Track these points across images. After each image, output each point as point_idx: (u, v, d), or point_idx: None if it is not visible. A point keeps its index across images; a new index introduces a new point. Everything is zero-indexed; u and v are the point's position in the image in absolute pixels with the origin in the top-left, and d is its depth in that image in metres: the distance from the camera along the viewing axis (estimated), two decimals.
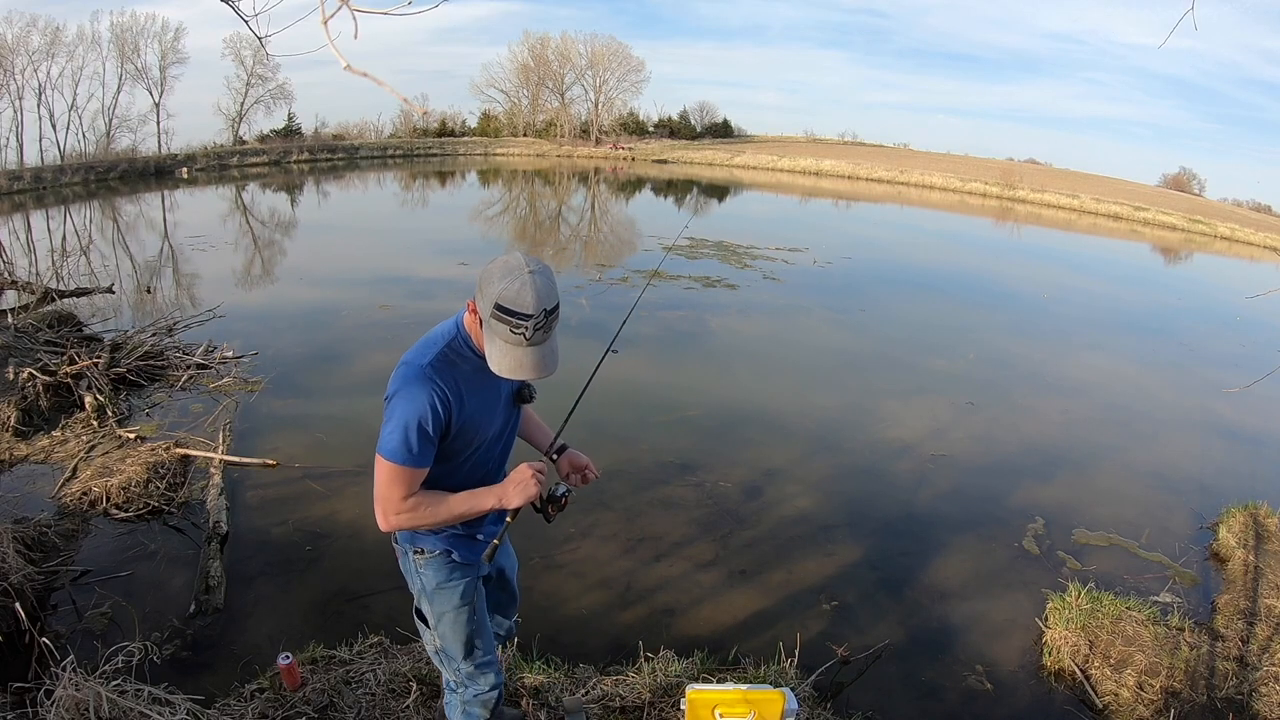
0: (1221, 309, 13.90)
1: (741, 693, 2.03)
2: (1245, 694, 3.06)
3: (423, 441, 1.51)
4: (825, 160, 40.36)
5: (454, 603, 1.78)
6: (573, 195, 26.20)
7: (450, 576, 1.76)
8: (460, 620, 1.80)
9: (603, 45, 44.53)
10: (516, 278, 1.41)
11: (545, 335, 1.47)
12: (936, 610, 3.69)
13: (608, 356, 2.03)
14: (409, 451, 1.50)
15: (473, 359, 1.58)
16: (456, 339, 1.57)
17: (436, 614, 1.79)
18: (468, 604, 1.80)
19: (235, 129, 34.75)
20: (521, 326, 1.42)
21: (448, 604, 1.78)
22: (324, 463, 4.62)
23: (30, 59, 26.34)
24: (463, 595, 1.78)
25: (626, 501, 4.44)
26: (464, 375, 1.56)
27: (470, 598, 1.80)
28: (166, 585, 3.45)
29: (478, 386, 1.59)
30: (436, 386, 1.50)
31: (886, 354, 8.28)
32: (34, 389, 5.12)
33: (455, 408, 1.53)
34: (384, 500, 1.55)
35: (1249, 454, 6.26)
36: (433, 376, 1.50)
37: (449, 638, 1.82)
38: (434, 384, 1.50)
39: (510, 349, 1.46)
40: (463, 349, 1.57)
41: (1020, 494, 5.00)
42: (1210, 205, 40.03)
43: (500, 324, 1.43)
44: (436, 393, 1.50)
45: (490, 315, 1.44)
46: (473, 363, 1.57)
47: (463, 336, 1.58)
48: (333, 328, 7.74)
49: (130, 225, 15.65)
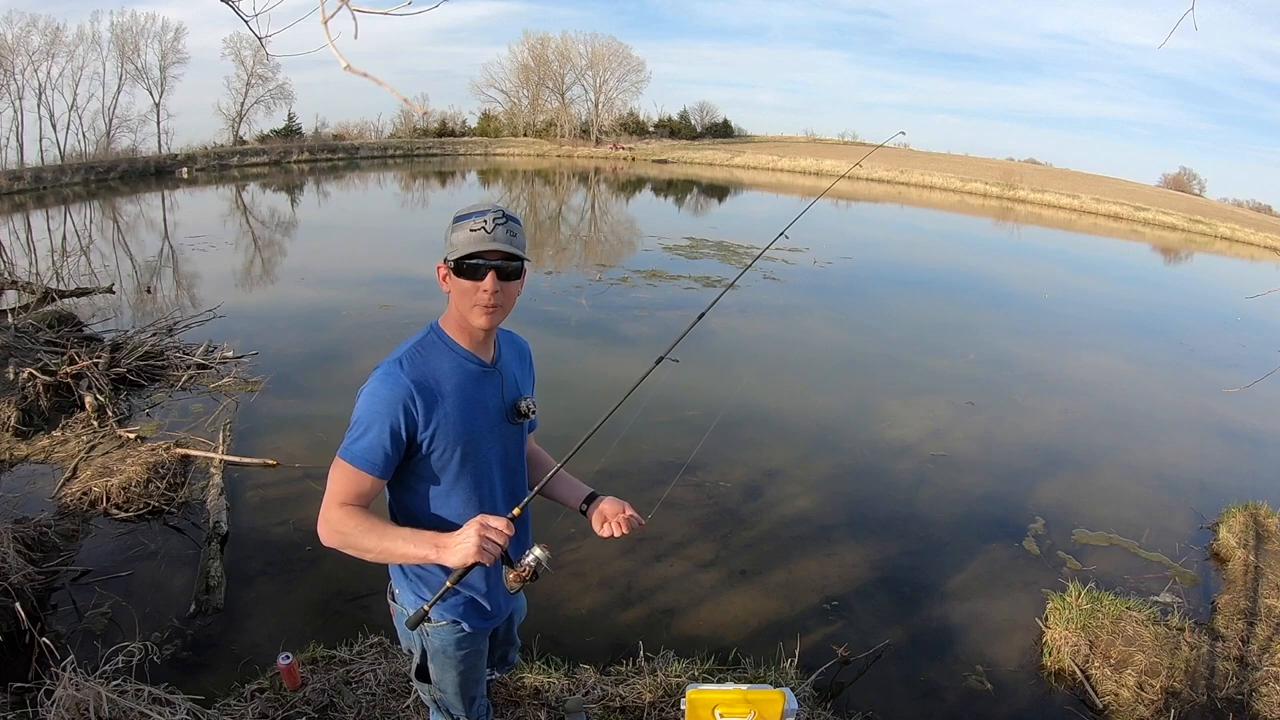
0: (1221, 309, 13.90)
1: (741, 693, 2.02)
2: (1245, 694, 3.06)
3: (377, 442, 1.38)
4: (825, 160, 40.36)
5: (462, 669, 1.68)
6: (573, 195, 26.20)
7: (460, 646, 1.64)
8: (468, 681, 1.71)
9: (603, 45, 44.68)
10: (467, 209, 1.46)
11: (508, 236, 1.41)
12: (936, 610, 3.68)
13: (658, 365, 1.77)
14: (356, 451, 1.39)
15: (448, 353, 1.48)
16: (429, 336, 1.50)
17: (441, 677, 1.68)
18: (475, 666, 1.71)
19: (235, 129, 34.81)
20: (481, 221, 1.40)
21: (455, 669, 1.67)
22: (324, 463, 4.58)
23: (30, 59, 26.46)
24: (471, 660, 1.69)
25: (627, 501, 4.43)
26: (438, 369, 1.45)
27: (477, 660, 1.72)
28: (166, 585, 3.45)
29: (457, 384, 1.46)
30: (402, 381, 1.39)
31: (887, 354, 8.28)
32: (34, 389, 5.12)
33: (426, 402, 1.41)
34: (324, 502, 1.41)
35: (1249, 454, 6.26)
36: (400, 372, 1.40)
37: (451, 696, 1.73)
38: (400, 378, 1.39)
39: (478, 239, 1.40)
40: (436, 344, 1.49)
41: (1020, 494, 5.00)
42: (1210, 205, 40.04)
43: (460, 229, 1.41)
44: (401, 388, 1.39)
45: (451, 228, 1.43)
46: (449, 359, 1.47)
47: (436, 334, 1.50)
48: (333, 327, 7.74)
49: (130, 225, 15.66)
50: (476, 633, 1.66)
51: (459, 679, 1.68)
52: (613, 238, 16.58)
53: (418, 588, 1.58)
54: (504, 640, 1.91)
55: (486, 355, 1.53)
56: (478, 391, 1.50)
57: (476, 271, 1.41)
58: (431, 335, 1.50)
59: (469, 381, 1.49)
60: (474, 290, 1.42)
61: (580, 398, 5.83)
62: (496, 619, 1.69)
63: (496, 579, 1.58)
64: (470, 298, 1.43)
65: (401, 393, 1.39)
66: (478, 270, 1.41)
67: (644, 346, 7.56)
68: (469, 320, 1.46)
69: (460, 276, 1.42)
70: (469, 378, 1.49)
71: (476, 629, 1.65)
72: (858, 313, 10.35)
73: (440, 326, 1.51)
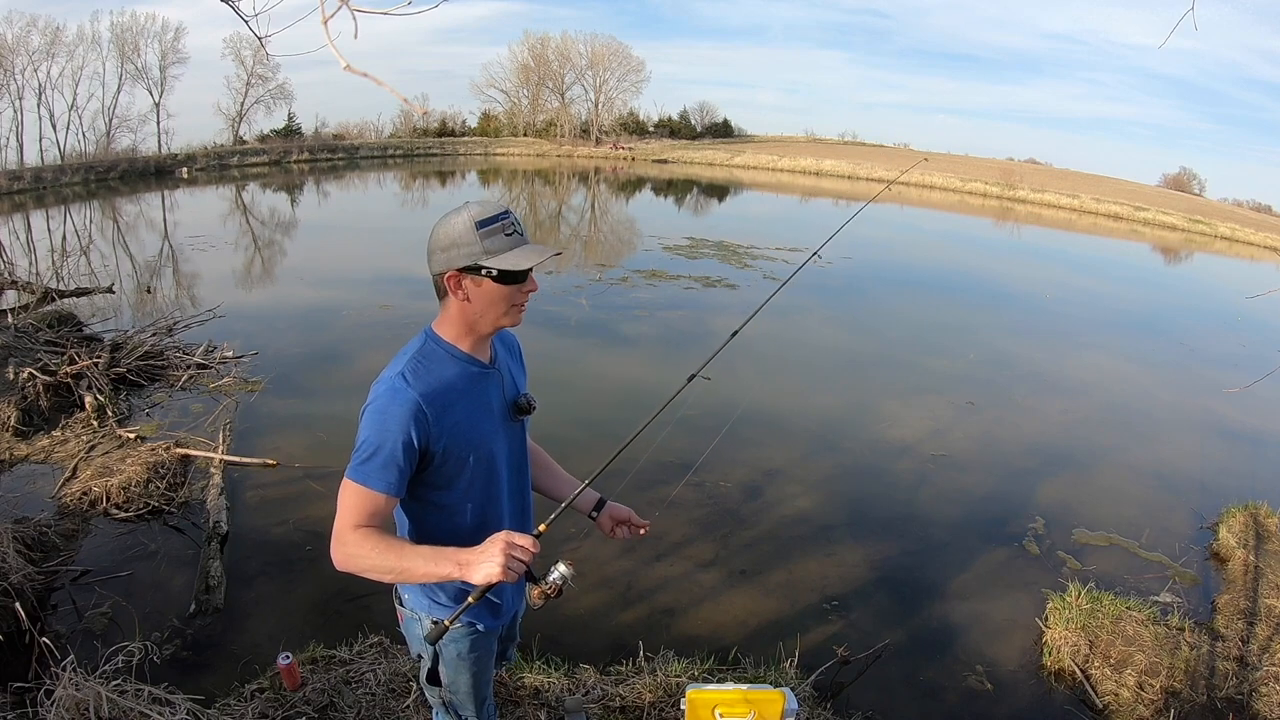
0: (1221, 309, 13.90)
1: (741, 693, 2.02)
2: (1245, 694, 3.06)
3: (390, 461, 1.34)
4: (825, 160, 40.32)
5: (475, 669, 1.67)
6: (573, 195, 26.19)
7: (474, 648, 1.63)
8: (480, 682, 1.70)
9: (603, 45, 44.59)
10: (464, 209, 1.39)
11: (524, 234, 1.42)
12: (936, 610, 3.68)
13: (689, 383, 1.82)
14: (368, 471, 1.34)
15: (450, 360, 1.44)
16: (427, 344, 1.45)
17: (454, 679, 1.66)
18: (487, 667, 1.71)
19: (235, 129, 34.77)
20: (509, 224, 1.39)
21: (469, 671, 1.66)
22: (324, 462, 4.62)
23: (30, 59, 26.40)
24: (484, 661, 1.68)
25: (626, 501, 4.41)
26: (443, 377, 1.42)
27: (489, 661, 1.71)
28: (166, 585, 3.45)
29: (463, 390, 1.44)
30: (409, 395, 1.35)
31: (887, 354, 8.28)
32: (34, 389, 5.12)
33: (434, 414, 1.37)
34: (336, 525, 1.36)
35: (1249, 454, 6.26)
36: (406, 386, 1.36)
37: (464, 698, 1.71)
38: (408, 393, 1.35)
39: (515, 243, 1.39)
40: (436, 351, 1.44)
41: (1020, 494, 5.00)
42: (1210, 205, 40.01)
43: (493, 235, 1.37)
44: (410, 402, 1.34)
45: (479, 236, 1.36)
46: (452, 365, 1.44)
47: (434, 341, 1.46)
48: (333, 327, 7.75)
49: (130, 225, 15.65)
50: (489, 633, 1.65)
51: (472, 680, 1.67)
52: (613, 237, 16.58)
53: (431, 591, 1.56)
54: (507, 636, 1.91)
55: (484, 356, 1.51)
56: (482, 394, 1.49)
57: (520, 275, 1.40)
58: (429, 343, 1.45)
59: (473, 385, 1.47)
60: (515, 293, 1.42)
61: (580, 397, 5.84)
62: (507, 616, 1.69)
63: (502, 584, 1.55)
64: (508, 300, 1.42)
65: (411, 407, 1.34)
66: (522, 274, 1.40)
67: (644, 346, 7.56)
68: (498, 323, 1.45)
69: (501, 282, 1.39)
70: (472, 381, 1.47)
71: (490, 629, 1.64)
72: (858, 313, 10.34)
73: (436, 332, 1.46)
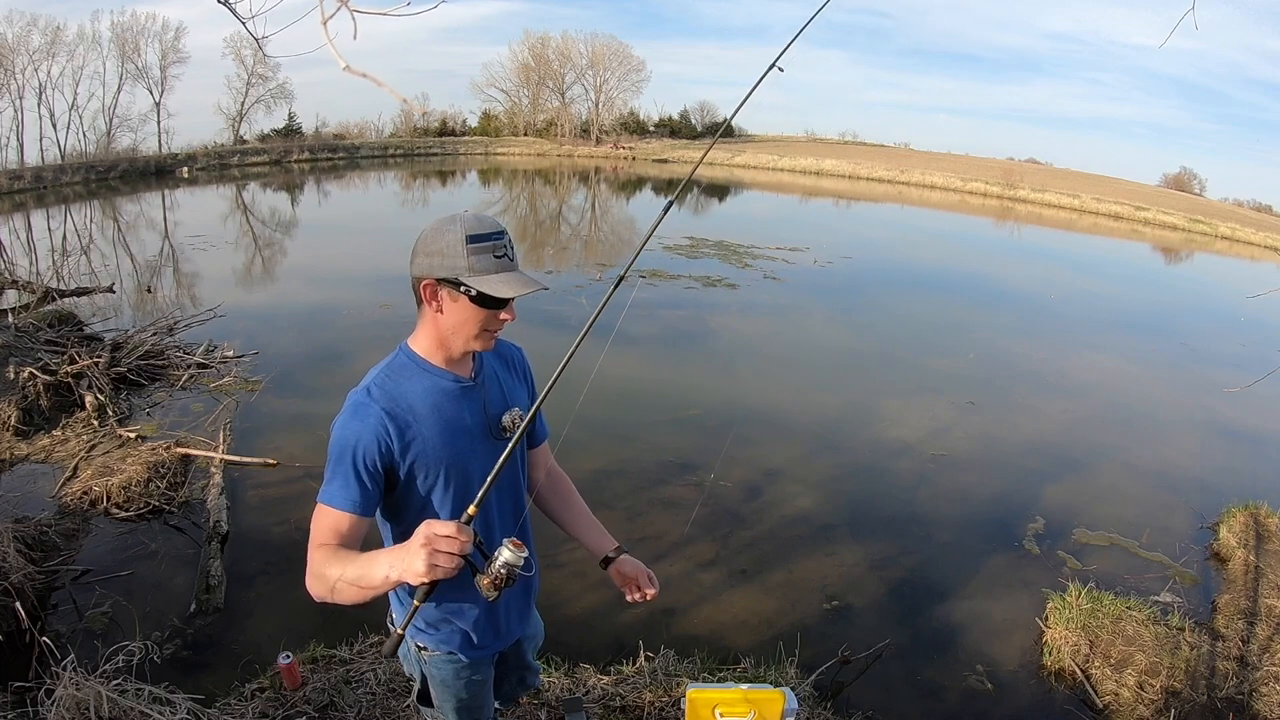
0: (1222, 309, 13.89)
1: (742, 692, 2.02)
2: (1245, 694, 3.06)
3: (352, 478, 1.31)
4: (825, 160, 40.33)
5: (463, 696, 1.62)
6: (573, 195, 26.19)
7: (459, 675, 1.59)
8: (470, 708, 1.66)
9: (603, 45, 44.56)
10: (459, 218, 1.32)
11: (515, 260, 1.35)
12: (936, 610, 3.69)
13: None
14: (331, 491, 1.32)
15: (420, 374, 1.38)
16: (399, 358, 1.41)
17: (442, 704, 1.63)
18: (476, 695, 1.65)
19: (235, 128, 34.73)
20: (501, 246, 1.31)
21: (455, 697, 1.62)
22: (324, 462, 4.61)
23: (30, 58, 26.32)
24: (474, 688, 1.63)
25: (626, 501, 4.44)
26: (412, 391, 1.36)
27: (479, 689, 1.65)
28: (167, 585, 3.45)
29: (434, 404, 1.37)
30: (372, 410, 1.31)
31: (887, 354, 8.28)
32: (34, 388, 5.13)
33: (397, 430, 1.32)
34: (308, 551, 1.33)
35: (1249, 454, 6.26)
36: (369, 400, 1.32)
37: None
38: (370, 407, 1.31)
39: (503, 267, 1.31)
40: (407, 365, 1.39)
41: (1020, 494, 5.00)
42: (1211, 205, 39.99)
43: (482, 254, 1.29)
44: (374, 416, 1.30)
45: (466, 250, 1.28)
46: (421, 379, 1.37)
47: (405, 354, 1.41)
48: (333, 327, 7.75)
49: (131, 225, 15.66)
50: (475, 662, 1.60)
51: (458, 706, 1.64)
52: (613, 237, 16.58)
53: (409, 604, 1.51)
54: (517, 666, 1.83)
55: (465, 371, 1.44)
56: (455, 411, 1.40)
57: (499, 301, 1.33)
58: (401, 357, 1.40)
59: (446, 401, 1.39)
60: (490, 318, 1.34)
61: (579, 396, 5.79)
62: (496, 645, 1.62)
63: (493, 606, 1.50)
64: (481, 324, 1.34)
65: (372, 422, 1.30)
66: (501, 300, 1.33)
67: (644, 346, 7.56)
68: (467, 345, 1.37)
69: (479, 304, 1.32)
70: (446, 397, 1.39)
71: (474, 659, 1.59)
72: (858, 312, 10.34)
73: (410, 347, 1.41)
